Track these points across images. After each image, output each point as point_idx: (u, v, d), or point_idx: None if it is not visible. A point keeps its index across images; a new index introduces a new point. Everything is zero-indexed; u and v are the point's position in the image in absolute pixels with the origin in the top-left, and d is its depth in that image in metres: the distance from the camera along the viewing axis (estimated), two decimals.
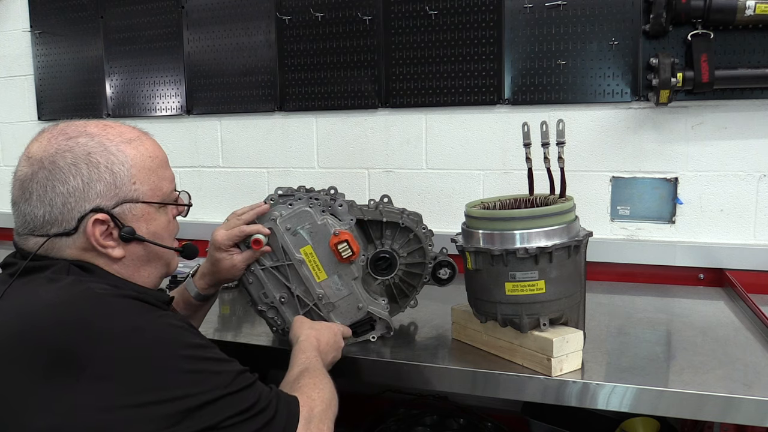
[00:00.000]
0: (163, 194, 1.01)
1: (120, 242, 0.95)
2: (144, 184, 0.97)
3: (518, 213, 1.18)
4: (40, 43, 2.53)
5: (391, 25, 2.00)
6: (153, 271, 1.03)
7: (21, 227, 0.95)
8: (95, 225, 0.92)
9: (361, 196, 2.06)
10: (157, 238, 1.00)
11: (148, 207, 0.98)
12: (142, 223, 0.98)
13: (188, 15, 2.26)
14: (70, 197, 0.91)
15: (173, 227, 1.07)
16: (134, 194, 0.96)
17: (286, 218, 1.26)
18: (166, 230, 1.03)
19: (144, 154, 0.98)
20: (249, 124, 2.24)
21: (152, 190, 0.99)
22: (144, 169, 0.97)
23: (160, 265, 1.04)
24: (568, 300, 1.19)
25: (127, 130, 0.99)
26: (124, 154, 0.95)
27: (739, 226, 1.77)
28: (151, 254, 1.00)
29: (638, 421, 1.65)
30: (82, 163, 0.91)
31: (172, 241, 1.06)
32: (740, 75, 1.66)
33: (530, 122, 1.24)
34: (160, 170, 1.01)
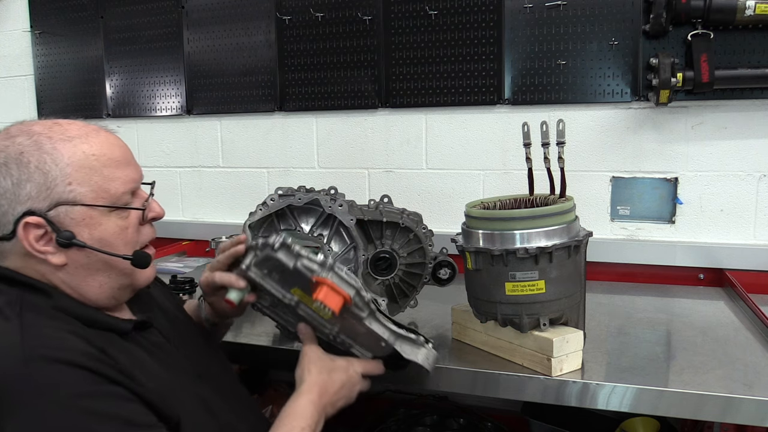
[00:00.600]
0: (111, 197, 0.91)
1: (59, 248, 0.88)
2: (83, 185, 0.88)
3: (518, 213, 1.18)
4: (40, 43, 2.53)
5: (391, 25, 2.00)
6: (106, 281, 0.93)
7: None
8: (27, 229, 0.86)
9: (361, 196, 2.06)
10: (105, 245, 0.90)
11: (90, 210, 0.89)
12: (84, 228, 0.89)
13: (188, 15, 2.26)
14: (2, 199, 0.86)
15: (131, 235, 0.94)
16: (70, 196, 0.87)
17: (253, 266, 1.04)
18: (118, 237, 0.92)
19: (85, 152, 0.89)
20: (249, 124, 2.25)
21: (95, 192, 0.89)
22: (83, 169, 0.88)
23: (115, 275, 0.93)
24: (568, 300, 1.19)
25: (76, 128, 0.92)
26: (59, 152, 0.87)
27: (739, 226, 1.77)
28: (98, 263, 0.91)
29: (638, 421, 1.65)
30: (12, 163, 0.86)
31: (127, 250, 0.93)
32: (740, 75, 1.66)
33: (530, 122, 1.25)
34: (107, 170, 0.91)
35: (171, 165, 2.36)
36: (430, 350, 1.10)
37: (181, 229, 2.33)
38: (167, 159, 2.36)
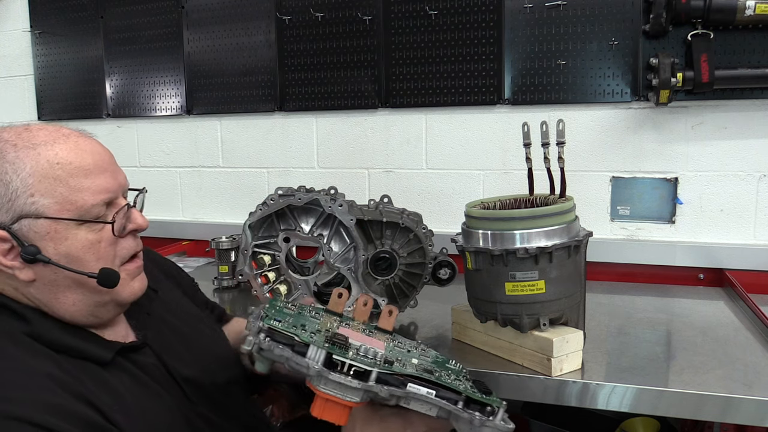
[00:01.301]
0: (78, 208, 0.83)
1: (25, 264, 0.82)
2: (46, 197, 0.81)
3: (518, 213, 1.18)
4: (40, 43, 2.53)
5: (391, 25, 2.00)
6: (80, 299, 0.86)
7: None
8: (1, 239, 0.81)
9: (361, 196, 2.06)
10: (72, 261, 0.83)
11: (55, 224, 0.82)
12: (49, 242, 0.82)
13: (188, 15, 2.26)
14: None
15: (105, 249, 0.86)
16: (32, 208, 0.81)
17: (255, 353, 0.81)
18: (87, 251, 0.85)
19: (50, 160, 0.82)
20: (249, 124, 2.25)
21: (59, 204, 0.82)
22: (46, 179, 0.81)
23: (88, 292, 0.86)
24: (568, 300, 1.19)
25: (44, 134, 0.85)
26: (21, 161, 0.81)
27: (739, 226, 1.77)
28: (66, 279, 0.84)
29: (638, 421, 1.66)
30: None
31: (100, 264, 0.86)
32: (740, 75, 1.66)
33: (530, 122, 1.24)
34: (74, 179, 0.83)
35: (171, 165, 2.36)
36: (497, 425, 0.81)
37: (181, 229, 2.33)
38: (167, 159, 2.36)
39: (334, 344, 0.79)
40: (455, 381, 0.85)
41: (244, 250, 1.40)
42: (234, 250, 1.83)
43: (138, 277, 0.94)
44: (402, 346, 0.93)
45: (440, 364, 0.91)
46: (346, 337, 0.82)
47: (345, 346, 0.80)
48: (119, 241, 0.89)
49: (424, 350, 0.95)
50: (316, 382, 0.78)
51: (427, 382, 0.81)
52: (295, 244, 1.46)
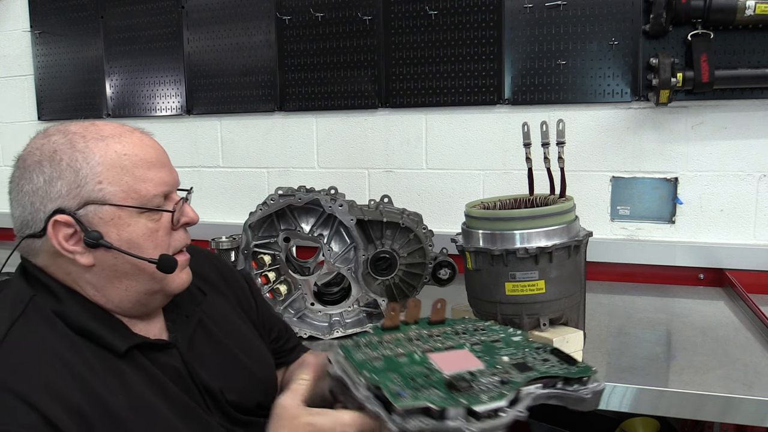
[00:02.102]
0: (141, 198, 0.88)
1: (87, 249, 0.86)
2: (113, 185, 0.86)
3: (518, 213, 1.18)
4: (40, 43, 2.53)
5: (391, 25, 2.00)
6: (134, 285, 0.90)
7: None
8: (57, 227, 0.85)
9: (361, 196, 2.06)
10: (132, 248, 0.87)
11: (119, 210, 0.86)
12: (112, 228, 0.86)
13: (188, 15, 2.26)
14: (35, 197, 0.86)
15: (162, 238, 0.91)
16: (99, 195, 0.85)
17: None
18: (147, 239, 0.89)
19: (118, 151, 0.87)
20: (249, 124, 2.25)
21: (125, 192, 0.87)
22: (114, 168, 0.86)
23: (143, 279, 0.90)
24: (568, 300, 1.19)
25: (110, 128, 0.90)
26: (91, 151, 0.86)
27: (739, 226, 1.77)
28: (125, 265, 0.88)
29: (638, 421, 1.66)
30: (45, 161, 0.86)
31: (158, 252, 0.90)
32: (740, 75, 1.66)
33: (530, 122, 1.25)
34: (139, 170, 0.88)
35: None
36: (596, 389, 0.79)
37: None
38: None
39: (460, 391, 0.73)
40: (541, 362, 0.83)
41: (244, 250, 1.40)
42: (234, 250, 1.83)
43: (185, 270, 0.96)
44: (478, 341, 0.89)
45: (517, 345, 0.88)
46: (468, 380, 0.76)
47: (469, 388, 0.74)
48: (173, 232, 0.93)
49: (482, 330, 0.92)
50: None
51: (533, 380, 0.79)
52: (295, 244, 1.46)
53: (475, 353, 0.84)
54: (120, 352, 0.86)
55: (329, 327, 1.43)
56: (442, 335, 0.91)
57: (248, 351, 1.07)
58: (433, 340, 0.89)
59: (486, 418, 0.71)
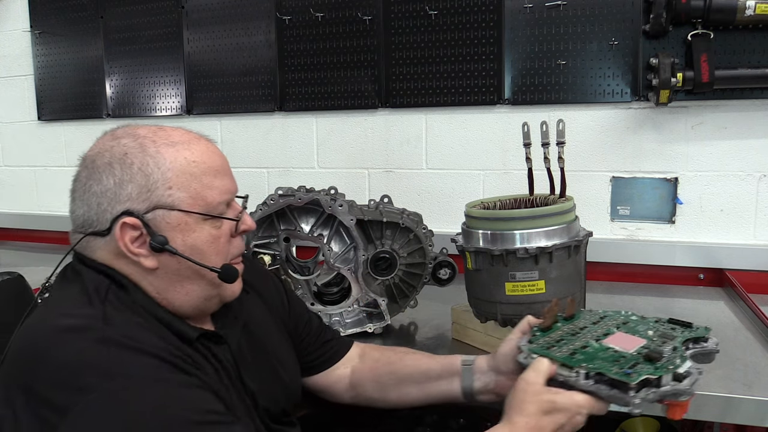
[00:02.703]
0: (207, 205, 0.90)
1: (152, 252, 0.87)
2: (181, 191, 0.88)
3: (518, 213, 1.18)
4: (40, 43, 2.53)
5: (391, 25, 2.00)
6: (194, 290, 0.92)
7: (72, 225, 0.92)
8: (124, 229, 0.86)
9: (361, 196, 2.05)
10: (196, 253, 0.89)
11: (186, 216, 0.88)
12: (178, 233, 0.88)
13: (188, 15, 2.26)
14: (103, 198, 0.87)
15: (223, 245, 0.93)
16: (169, 200, 0.87)
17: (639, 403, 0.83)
18: (210, 245, 0.91)
19: (186, 158, 0.89)
20: (249, 124, 2.24)
21: (192, 199, 0.89)
22: (183, 174, 0.88)
23: (204, 284, 0.92)
24: None
25: (179, 134, 0.92)
26: (162, 156, 0.88)
27: (739, 226, 1.77)
28: (188, 270, 0.90)
29: (638, 421, 1.66)
30: (116, 164, 0.87)
31: (217, 260, 0.92)
32: (740, 75, 1.66)
33: (530, 122, 1.25)
34: (206, 177, 0.90)
35: None
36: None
37: None
38: None
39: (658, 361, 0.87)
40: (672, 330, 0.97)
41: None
42: None
43: (238, 281, 0.98)
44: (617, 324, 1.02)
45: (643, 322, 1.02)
46: (659, 351, 0.89)
47: (660, 358, 0.87)
48: (231, 239, 0.95)
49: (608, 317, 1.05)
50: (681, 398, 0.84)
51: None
52: (295, 244, 1.46)
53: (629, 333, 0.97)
54: (192, 338, 0.90)
55: None
56: (590, 326, 1.02)
57: (280, 357, 1.10)
58: (589, 330, 1.00)
59: (684, 378, 0.84)
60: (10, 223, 2.72)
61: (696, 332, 0.95)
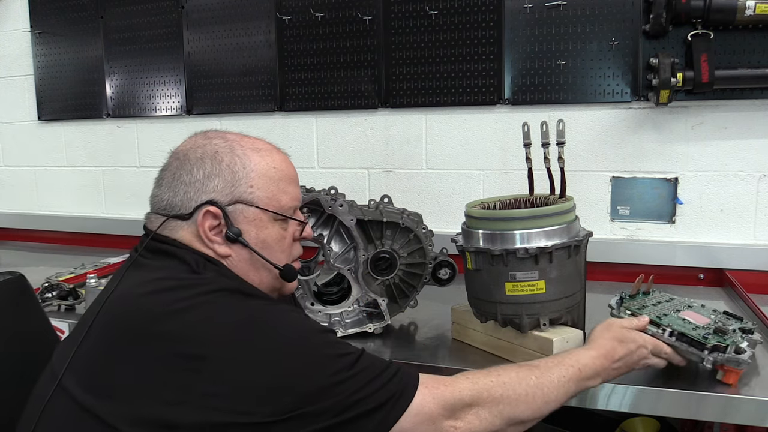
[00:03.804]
0: (280, 206, 1.00)
1: (226, 241, 0.96)
2: (261, 191, 0.98)
3: (518, 213, 1.18)
4: (40, 43, 2.53)
5: (391, 25, 2.00)
6: (266, 277, 1.01)
7: (151, 208, 1.01)
8: (206, 216, 0.95)
9: (361, 196, 2.05)
10: (265, 248, 0.99)
11: (262, 213, 0.98)
12: (252, 227, 0.98)
13: (188, 15, 2.26)
14: (191, 187, 0.96)
15: (287, 245, 1.04)
16: (249, 197, 0.97)
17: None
18: (277, 243, 1.01)
19: (269, 163, 1.00)
20: (249, 124, 2.24)
21: (269, 199, 0.99)
22: (264, 177, 0.99)
23: (271, 277, 1.02)
24: (569, 300, 1.19)
25: (261, 143, 1.03)
26: (248, 158, 0.98)
27: (739, 226, 1.77)
28: (258, 260, 0.99)
29: (638, 421, 1.66)
30: (207, 159, 0.97)
31: (281, 257, 1.02)
32: (740, 75, 1.66)
33: (530, 122, 1.25)
34: (282, 183, 1.01)
35: None
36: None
37: None
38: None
39: (726, 334, 1.09)
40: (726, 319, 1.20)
41: None
42: None
43: (295, 281, 1.08)
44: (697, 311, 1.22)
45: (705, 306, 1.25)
46: (726, 328, 1.10)
47: (726, 332, 1.09)
48: (294, 242, 1.06)
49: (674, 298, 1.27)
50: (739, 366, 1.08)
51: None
52: None
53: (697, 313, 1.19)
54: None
55: (329, 327, 1.43)
56: (664, 302, 1.24)
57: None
58: (664, 306, 1.22)
59: (743, 352, 1.07)
60: (10, 223, 2.71)
61: (745, 324, 1.16)
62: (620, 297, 1.25)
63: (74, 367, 0.84)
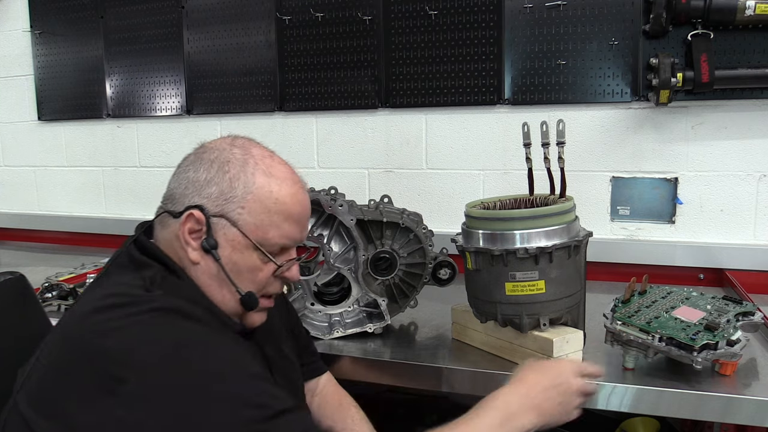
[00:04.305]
0: (264, 239, 0.94)
1: (201, 249, 0.93)
2: (251, 216, 0.93)
3: (518, 213, 1.18)
4: (40, 43, 2.53)
5: (391, 25, 2.00)
6: (226, 297, 0.96)
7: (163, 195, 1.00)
8: (189, 218, 0.92)
9: (361, 196, 2.05)
10: (235, 271, 0.94)
11: (242, 238, 0.93)
12: (228, 246, 0.93)
13: (188, 15, 2.26)
14: (191, 186, 0.94)
15: (261, 278, 0.97)
16: (236, 216, 0.93)
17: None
18: (249, 272, 0.96)
19: (272, 192, 0.95)
20: (249, 124, 2.24)
21: (255, 227, 0.94)
22: (259, 203, 0.94)
23: (233, 300, 0.96)
24: (569, 300, 1.19)
25: (282, 169, 0.98)
26: (254, 178, 0.94)
27: (739, 226, 1.77)
28: (223, 281, 0.95)
29: (638, 421, 1.65)
30: (216, 164, 0.94)
31: (249, 286, 0.96)
32: (740, 75, 1.66)
33: (530, 122, 1.25)
34: (277, 217, 0.95)
35: (171, 165, 2.33)
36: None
37: None
38: (167, 159, 2.36)
39: (717, 330, 1.11)
40: (725, 305, 1.22)
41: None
42: None
43: (262, 313, 1.02)
44: (681, 299, 1.25)
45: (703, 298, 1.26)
46: (716, 322, 1.13)
47: (718, 327, 1.12)
48: (273, 279, 0.99)
49: (674, 292, 1.29)
50: (732, 359, 1.11)
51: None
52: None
53: (692, 307, 1.21)
54: (240, 330, 0.97)
55: (329, 327, 1.43)
56: (660, 300, 1.26)
57: (292, 358, 1.16)
58: (659, 303, 1.24)
59: (735, 344, 1.10)
60: (10, 223, 2.72)
61: (745, 308, 1.19)
62: (614, 304, 1.25)
63: (26, 385, 0.82)
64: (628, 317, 1.19)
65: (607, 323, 1.21)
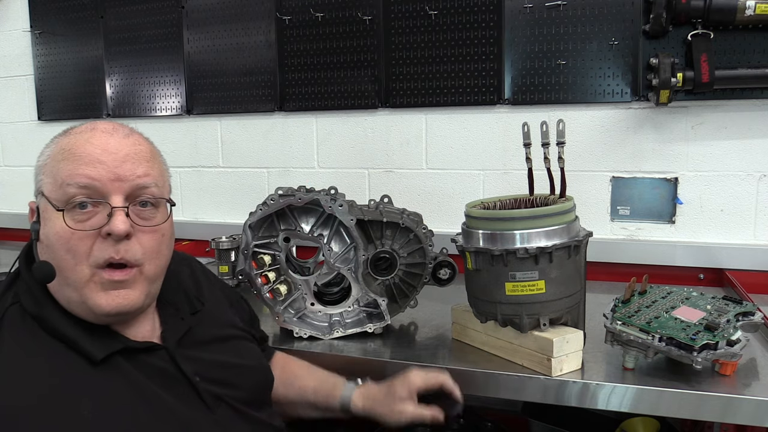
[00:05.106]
0: (64, 194, 0.80)
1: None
2: (48, 176, 0.83)
3: (518, 213, 1.18)
4: (40, 43, 2.53)
5: (391, 25, 2.00)
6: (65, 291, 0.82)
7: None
8: (30, 209, 0.87)
9: (361, 196, 2.06)
10: (49, 248, 0.81)
11: (46, 203, 0.82)
12: (43, 222, 0.82)
13: (188, 15, 2.26)
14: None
15: (75, 242, 0.80)
16: (41, 186, 0.84)
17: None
18: (59, 240, 0.80)
19: (62, 145, 0.84)
20: (249, 124, 2.24)
21: (52, 185, 0.82)
22: (53, 161, 0.83)
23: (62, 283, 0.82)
24: (569, 300, 1.19)
25: (91, 125, 0.87)
26: (54, 143, 0.87)
27: (739, 226, 1.77)
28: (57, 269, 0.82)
29: (638, 421, 1.65)
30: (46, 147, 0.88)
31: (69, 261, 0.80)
32: (740, 75, 1.66)
33: (530, 122, 1.24)
34: (66, 164, 0.81)
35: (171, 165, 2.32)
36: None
37: (181, 229, 2.29)
38: (167, 159, 2.33)
39: (716, 330, 1.11)
40: (725, 305, 1.21)
41: (244, 250, 1.40)
42: (234, 250, 1.83)
43: (111, 292, 0.83)
44: (681, 299, 1.25)
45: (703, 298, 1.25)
46: (716, 322, 1.13)
47: (718, 327, 1.12)
48: (96, 241, 0.82)
49: (674, 292, 1.28)
50: (732, 359, 1.11)
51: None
52: (295, 244, 1.46)
53: (692, 307, 1.21)
54: (96, 360, 0.82)
55: (329, 327, 1.43)
56: (660, 300, 1.25)
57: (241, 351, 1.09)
58: (659, 303, 1.23)
59: (735, 344, 1.10)
60: (10, 223, 2.71)
61: (745, 308, 1.19)
62: (614, 304, 1.26)
63: None
64: (628, 317, 1.19)
65: (607, 323, 1.21)
